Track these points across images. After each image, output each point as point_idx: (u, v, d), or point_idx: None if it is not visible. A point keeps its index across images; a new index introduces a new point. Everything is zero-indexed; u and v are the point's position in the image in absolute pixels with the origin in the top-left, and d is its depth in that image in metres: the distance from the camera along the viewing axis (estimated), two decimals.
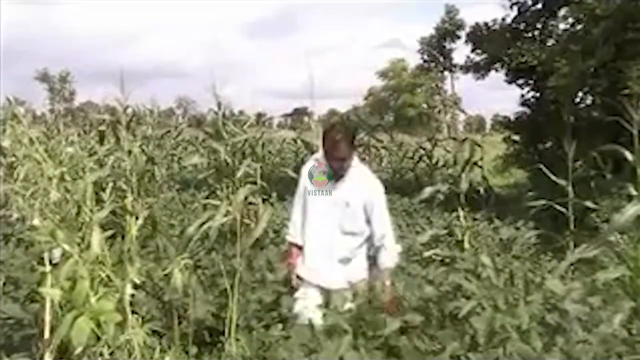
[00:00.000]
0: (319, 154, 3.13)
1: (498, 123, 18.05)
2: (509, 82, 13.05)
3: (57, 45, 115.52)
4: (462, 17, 32.56)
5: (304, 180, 3.15)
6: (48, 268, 2.60)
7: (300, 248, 3.15)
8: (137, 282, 2.65)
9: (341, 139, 2.93)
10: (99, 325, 2.40)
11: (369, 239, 3.12)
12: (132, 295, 2.98)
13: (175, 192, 9.07)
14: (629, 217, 3.27)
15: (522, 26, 12.66)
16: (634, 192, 3.61)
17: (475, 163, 6.77)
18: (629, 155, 3.81)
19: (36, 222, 2.70)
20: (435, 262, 5.18)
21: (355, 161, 3.08)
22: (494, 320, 2.43)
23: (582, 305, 2.64)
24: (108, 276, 2.53)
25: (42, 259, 2.66)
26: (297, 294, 3.12)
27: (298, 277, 3.13)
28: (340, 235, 3.03)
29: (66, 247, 2.42)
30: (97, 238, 2.50)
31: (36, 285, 2.78)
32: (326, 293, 2.98)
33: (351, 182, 3.03)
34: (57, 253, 2.58)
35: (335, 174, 3.01)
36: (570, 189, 5.26)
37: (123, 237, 5.04)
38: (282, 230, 4.36)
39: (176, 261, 3.05)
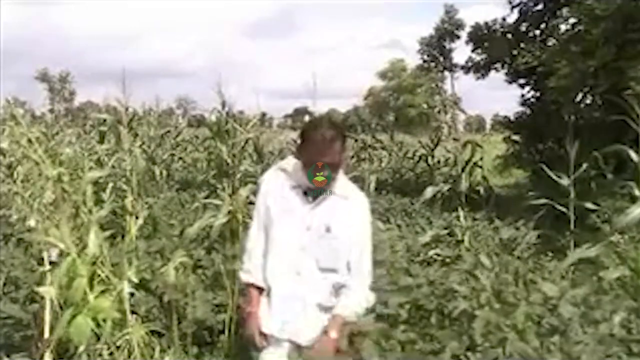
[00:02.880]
0: (287, 162, 2.33)
1: (498, 123, 18.08)
2: (510, 82, 13.06)
3: (57, 45, 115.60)
4: (462, 17, 32.56)
5: (264, 197, 2.31)
6: (47, 267, 2.61)
7: (261, 290, 2.30)
8: (135, 280, 2.64)
9: (332, 140, 2.12)
10: (98, 324, 2.40)
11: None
12: (132, 295, 2.98)
13: (175, 192, 9.07)
14: (633, 218, 3.26)
15: (523, 26, 12.67)
16: (637, 193, 3.61)
17: (475, 163, 6.77)
18: (633, 155, 3.80)
19: (32, 222, 2.70)
20: (436, 262, 5.17)
21: (340, 173, 2.27)
22: (490, 320, 2.43)
23: (580, 306, 2.64)
24: (108, 276, 2.53)
25: (42, 259, 2.67)
26: (263, 355, 2.29)
27: (262, 333, 2.27)
28: (317, 272, 2.22)
29: (63, 246, 2.42)
30: (94, 237, 2.50)
31: (36, 285, 2.78)
32: (301, 352, 2.23)
33: (334, 200, 2.24)
34: (54, 252, 2.59)
35: (314, 189, 2.22)
36: (571, 189, 5.26)
37: (123, 237, 5.05)
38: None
39: (173, 259, 3.06)
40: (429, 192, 6.17)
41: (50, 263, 2.63)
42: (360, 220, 2.29)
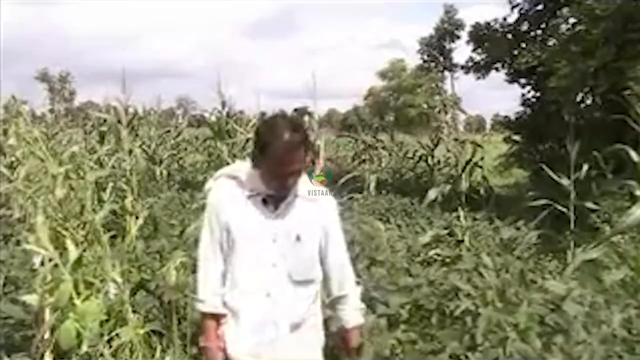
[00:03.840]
0: (237, 168, 2.06)
1: (498, 123, 18.06)
2: (510, 82, 13.06)
3: (57, 45, 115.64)
4: (462, 17, 32.64)
5: (216, 211, 2.00)
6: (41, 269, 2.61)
7: (218, 319, 2.02)
8: (120, 281, 2.64)
9: (298, 145, 1.85)
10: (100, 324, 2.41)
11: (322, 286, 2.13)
12: (134, 294, 2.98)
13: (175, 192, 9.08)
14: (635, 219, 3.25)
15: (523, 26, 12.67)
16: (638, 193, 3.60)
17: (475, 163, 6.77)
18: (634, 155, 3.79)
19: (39, 219, 2.70)
20: (437, 263, 5.17)
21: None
22: (491, 319, 2.43)
23: (582, 305, 2.64)
24: (91, 280, 2.52)
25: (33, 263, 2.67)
26: None
27: None
28: (289, 286, 1.98)
29: (45, 252, 2.42)
30: (71, 244, 2.49)
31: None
32: None
33: (299, 204, 2.00)
34: (37, 259, 2.57)
35: (275, 196, 1.96)
36: (571, 189, 5.26)
37: (123, 237, 5.05)
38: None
39: (173, 259, 3.06)
40: (432, 194, 6.17)
41: (33, 270, 2.63)
42: (334, 221, 2.10)
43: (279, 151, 1.84)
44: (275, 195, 1.96)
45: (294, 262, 1.98)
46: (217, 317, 2.02)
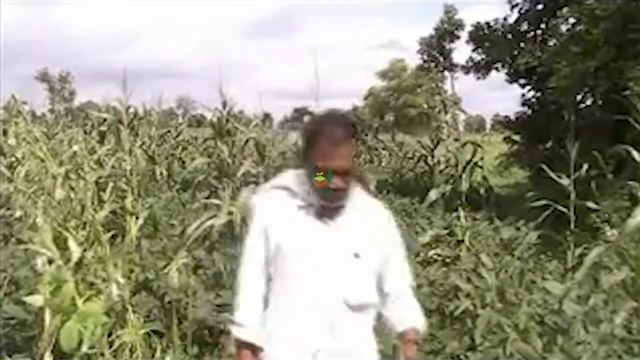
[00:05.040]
0: (286, 178, 1.84)
1: (498, 123, 18.08)
2: (510, 82, 13.08)
3: (57, 45, 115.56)
4: (462, 17, 32.61)
5: (264, 226, 1.78)
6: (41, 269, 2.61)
7: (254, 351, 1.76)
8: (122, 281, 2.64)
9: (342, 137, 1.68)
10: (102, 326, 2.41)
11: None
12: (134, 295, 2.98)
13: (175, 192, 9.08)
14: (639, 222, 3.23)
15: (523, 26, 12.69)
16: (639, 193, 3.60)
17: (475, 163, 6.77)
18: (636, 155, 3.79)
19: (40, 220, 2.70)
20: (437, 262, 5.18)
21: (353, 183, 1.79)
22: (491, 320, 2.43)
23: (582, 306, 2.65)
24: (93, 281, 2.53)
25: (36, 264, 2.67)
26: None
27: None
28: (343, 312, 1.72)
29: (48, 253, 2.42)
30: (74, 244, 2.49)
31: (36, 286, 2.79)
32: None
33: (356, 217, 1.77)
34: (39, 260, 2.57)
35: (329, 205, 1.73)
36: (571, 189, 5.26)
37: (123, 237, 5.06)
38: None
39: (174, 260, 3.06)
40: (433, 194, 6.18)
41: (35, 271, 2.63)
42: (395, 234, 1.86)
43: (321, 143, 1.68)
44: (330, 206, 1.73)
45: (351, 283, 1.73)
46: (253, 348, 1.76)
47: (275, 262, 1.75)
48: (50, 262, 2.48)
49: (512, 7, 12.62)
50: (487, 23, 13.39)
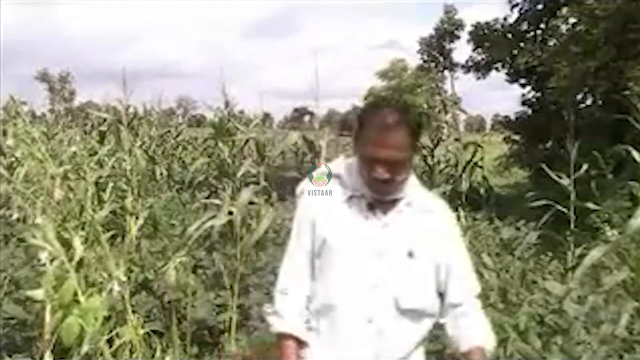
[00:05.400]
0: (337, 165, 1.69)
1: (498, 123, 18.09)
2: (510, 82, 13.10)
3: (57, 45, 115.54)
4: (462, 17, 32.63)
5: (311, 215, 1.64)
6: (42, 268, 2.62)
7: (300, 343, 1.63)
8: (124, 279, 2.65)
9: (395, 123, 1.51)
10: (102, 322, 2.41)
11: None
12: (133, 294, 2.98)
13: (175, 192, 9.07)
14: None
15: (523, 26, 12.70)
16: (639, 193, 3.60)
17: (475, 163, 6.78)
18: (636, 155, 3.79)
19: (39, 220, 2.70)
20: None
21: (413, 177, 1.65)
22: (493, 320, 2.43)
23: (583, 306, 2.64)
24: (95, 277, 2.54)
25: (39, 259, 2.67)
26: None
27: None
28: (394, 317, 1.56)
29: (52, 249, 2.42)
30: (78, 241, 2.49)
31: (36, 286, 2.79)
32: None
33: (412, 213, 1.62)
34: (43, 255, 2.58)
35: (380, 197, 1.59)
36: (571, 188, 5.26)
37: (123, 237, 5.05)
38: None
39: (172, 259, 3.06)
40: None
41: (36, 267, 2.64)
42: (457, 237, 1.71)
43: (372, 129, 1.52)
44: (383, 199, 1.58)
45: (403, 285, 1.56)
46: (296, 341, 1.62)
47: (320, 256, 1.62)
48: (52, 259, 2.48)
49: (512, 7, 12.65)
50: (487, 23, 13.41)
